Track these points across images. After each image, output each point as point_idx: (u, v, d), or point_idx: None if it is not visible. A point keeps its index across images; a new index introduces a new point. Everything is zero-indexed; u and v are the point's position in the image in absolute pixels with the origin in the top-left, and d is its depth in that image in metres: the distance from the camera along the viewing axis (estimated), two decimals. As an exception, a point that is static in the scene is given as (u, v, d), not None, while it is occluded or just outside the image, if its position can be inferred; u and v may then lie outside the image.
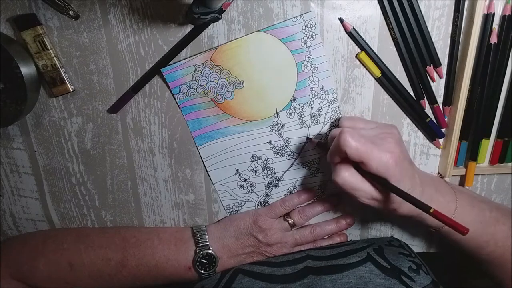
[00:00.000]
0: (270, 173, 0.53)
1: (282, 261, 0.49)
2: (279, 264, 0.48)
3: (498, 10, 0.46)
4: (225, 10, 0.42)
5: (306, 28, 0.46)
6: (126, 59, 0.48)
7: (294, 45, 0.47)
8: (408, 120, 0.51)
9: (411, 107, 0.49)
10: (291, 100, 0.49)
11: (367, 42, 0.46)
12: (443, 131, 0.51)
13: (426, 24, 0.46)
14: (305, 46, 0.47)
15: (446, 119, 0.50)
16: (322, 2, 0.45)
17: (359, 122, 0.45)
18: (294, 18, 0.46)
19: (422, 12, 0.45)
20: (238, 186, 0.53)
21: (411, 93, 0.49)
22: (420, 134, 0.52)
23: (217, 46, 0.47)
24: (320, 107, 0.50)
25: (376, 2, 0.45)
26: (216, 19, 0.41)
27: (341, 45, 0.47)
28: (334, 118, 0.50)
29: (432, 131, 0.51)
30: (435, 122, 0.50)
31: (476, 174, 0.53)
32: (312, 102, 0.49)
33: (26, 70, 0.45)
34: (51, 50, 0.46)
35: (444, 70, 0.48)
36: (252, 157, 0.52)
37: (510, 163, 0.53)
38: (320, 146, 0.49)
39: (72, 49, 0.47)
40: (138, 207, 0.55)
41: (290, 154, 0.52)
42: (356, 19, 0.46)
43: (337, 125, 0.50)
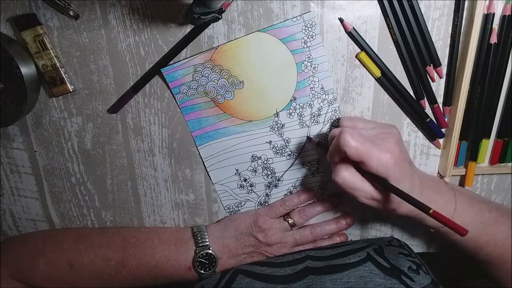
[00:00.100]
0: (270, 173, 0.53)
1: (282, 261, 0.49)
2: (279, 264, 0.48)
3: (498, 10, 0.46)
4: (225, 10, 0.42)
5: (306, 28, 0.46)
6: (126, 59, 0.48)
7: (294, 45, 0.47)
8: (408, 120, 0.51)
9: (411, 107, 0.49)
10: (291, 100, 0.49)
11: (367, 42, 0.46)
12: (443, 131, 0.51)
13: (426, 24, 0.46)
14: (305, 46, 0.47)
15: (446, 119, 0.50)
16: (322, 2, 0.45)
17: (359, 122, 0.45)
18: (294, 18, 0.46)
19: (422, 12, 0.45)
20: (238, 186, 0.53)
21: (411, 93, 0.49)
22: (420, 134, 0.52)
23: (217, 46, 0.47)
24: (320, 107, 0.50)
25: (376, 2, 0.45)
26: (216, 19, 0.41)
27: (341, 45, 0.47)
28: (334, 118, 0.50)
29: (432, 131, 0.51)
30: (435, 122, 0.50)
31: (476, 174, 0.53)
32: (312, 102, 0.49)
33: (26, 70, 0.45)
34: (51, 50, 0.46)
35: (444, 70, 0.48)
36: (252, 157, 0.52)
37: (510, 163, 0.53)
38: (320, 145, 0.49)
39: (72, 49, 0.47)
40: (138, 207, 0.55)
41: (290, 154, 0.52)
42: (356, 19, 0.46)
43: (337, 125, 0.50)
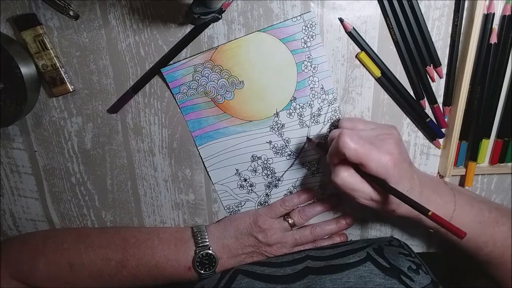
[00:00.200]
0: (270, 173, 0.53)
1: (282, 261, 0.49)
2: (279, 264, 0.48)
3: (498, 10, 0.46)
4: (225, 10, 0.42)
5: (306, 28, 0.46)
6: (126, 59, 0.48)
7: (294, 45, 0.47)
8: (408, 120, 0.51)
9: (411, 107, 0.49)
10: (291, 100, 0.49)
11: (367, 42, 0.46)
12: (443, 131, 0.51)
13: (426, 24, 0.46)
14: (305, 46, 0.47)
15: (446, 119, 0.50)
16: (322, 2, 0.45)
17: (359, 123, 0.45)
18: (294, 18, 0.46)
19: (422, 12, 0.45)
20: (238, 186, 0.53)
21: (411, 93, 0.49)
22: (420, 134, 0.52)
23: (217, 46, 0.47)
24: (320, 107, 0.50)
25: (376, 2, 0.45)
26: (216, 19, 0.41)
27: (341, 45, 0.47)
28: (334, 118, 0.50)
29: (432, 131, 0.51)
30: (435, 122, 0.50)
31: (476, 174, 0.53)
32: (312, 102, 0.49)
33: (26, 70, 0.45)
34: (51, 50, 0.46)
35: (444, 70, 0.48)
36: (252, 157, 0.52)
37: (510, 163, 0.53)
38: (320, 146, 0.49)
39: (72, 49, 0.47)
40: (138, 207, 0.55)
41: (290, 154, 0.52)
42: (356, 19, 0.46)
43: (337, 125, 0.50)
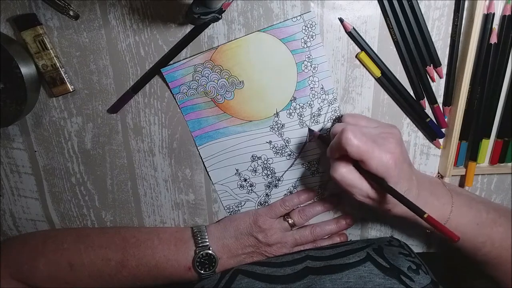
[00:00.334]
0: (270, 173, 0.53)
1: (282, 261, 0.49)
2: (279, 264, 0.48)
3: (498, 10, 0.46)
4: (225, 10, 0.42)
5: (306, 28, 0.46)
6: (126, 59, 0.48)
7: (294, 45, 0.47)
8: (408, 120, 0.51)
9: (411, 107, 0.49)
10: (291, 100, 0.49)
11: (367, 42, 0.46)
12: (443, 131, 0.51)
13: (426, 24, 0.46)
14: (305, 46, 0.47)
15: (446, 119, 0.50)
16: (322, 2, 0.45)
17: (362, 119, 0.45)
18: (294, 18, 0.46)
19: (422, 12, 0.45)
20: (238, 186, 0.53)
21: (411, 93, 0.49)
22: (420, 134, 0.52)
23: (217, 46, 0.47)
24: (320, 107, 0.50)
25: (376, 2, 0.45)
26: (216, 19, 0.41)
27: (341, 45, 0.47)
28: (334, 118, 0.50)
29: (432, 131, 0.51)
30: (435, 122, 0.50)
31: (476, 174, 0.53)
32: (312, 102, 0.49)
33: (26, 70, 0.45)
34: (51, 50, 0.46)
35: (444, 70, 0.48)
36: (252, 157, 0.52)
37: (510, 163, 0.53)
38: (321, 139, 0.49)
39: (72, 49, 0.47)
40: (138, 207, 0.55)
41: (290, 154, 0.52)
42: (356, 19, 0.46)
43: (338, 122, 0.50)
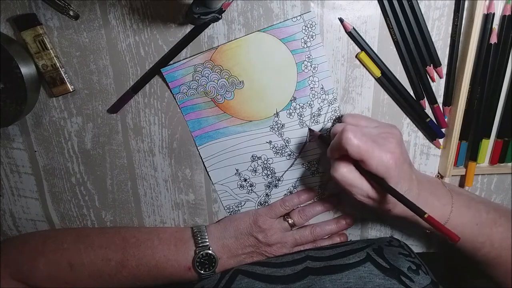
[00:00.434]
0: (270, 173, 0.53)
1: (282, 261, 0.49)
2: (279, 264, 0.48)
3: (498, 10, 0.46)
4: (225, 10, 0.42)
5: (306, 28, 0.46)
6: (126, 59, 0.48)
7: (294, 45, 0.47)
8: (408, 120, 0.51)
9: (411, 107, 0.49)
10: (291, 100, 0.49)
11: (367, 42, 0.46)
12: (443, 131, 0.51)
13: (426, 24, 0.46)
14: (305, 46, 0.47)
15: (446, 119, 0.50)
16: (322, 2, 0.45)
17: (362, 119, 0.45)
18: (294, 18, 0.46)
19: (422, 12, 0.45)
20: (238, 186, 0.53)
21: (411, 93, 0.49)
22: (420, 134, 0.52)
23: (217, 46, 0.47)
24: (320, 107, 0.50)
25: (376, 2, 0.45)
26: (216, 19, 0.41)
27: (341, 45, 0.47)
28: (334, 118, 0.50)
29: (432, 131, 0.51)
30: (435, 122, 0.50)
31: (476, 174, 0.53)
32: (312, 102, 0.49)
33: (26, 70, 0.45)
34: (51, 50, 0.46)
35: (444, 70, 0.48)
36: (252, 157, 0.52)
37: (510, 163, 0.53)
38: (322, 139, 0.49)
39: (72, 49, 0.47)
40: (138, 207, 0.55)
41: (290, 154, 0.52)
42: (356, 19, 0.46)
43: (338, 122, 0.50)
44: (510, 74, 0.48)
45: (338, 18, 0.46)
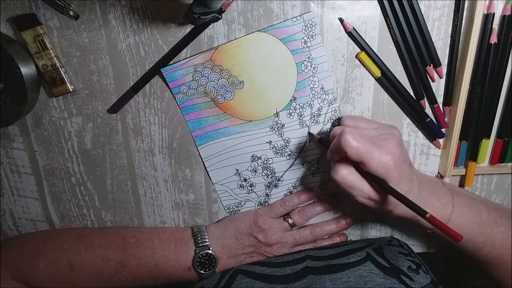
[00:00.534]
0: (270, 173, 0.53)
1: (282, 261, 0.49)
2: (279, 264, 0.48)
3: (498, 10, 0.46)
4: (225, 10, 0.42)
5: (306, 28, 0.46)
6: (126, 59, 0.48)
7: (294, 45, 0.47)
8: (408, 120, 0.51)
9: (411, 107, 0.49)
10: (291, 100, 0.49)
11: (367, 42, 0.46)
12: (443, 131, 0.51)
13: (426, 24, 0.46)
14: (305, 46, 0.47)
15: (446, 119, 0.50)
16: (322, 2, 0.45)
17: (361, 121, 0.45)
18: (294, 18, 0.46)
19: (422, 12, 0.45)
20: (238, 186, 0.53)
21: (411, 93, 0.49)
22: (420, 134, 0.52)
23: (217, 46, 0.47)
24: (320, 107, 0.50)
25: (376, 2, 0.45)
26: (216, 19, 0.41)
27: (341, 45, 0.47)
28: (334, 118, 0.50)
29: (432, 131, 0.51)
30: (435, 122, 0.50)
31: (476, 174, 0.53)
32: (312, 102, 0.49)
33: (26, 70, 0.45)
34: (51, 50, 0.46)
35: (444, 70, 0.48)
36: (252, 157, 0.52)
37: (510, 163, 0.53)
38: (321, 142, 0.49)
39: (72, 49, 0.47)
40: (138, 207, 0.55)
41: (290, 154, 0.52)
42: (356, 19, 0.46)
43: (338, 124, 0.50)
44: (510, 74, 0.48)
45: (338, 18, 0.46)
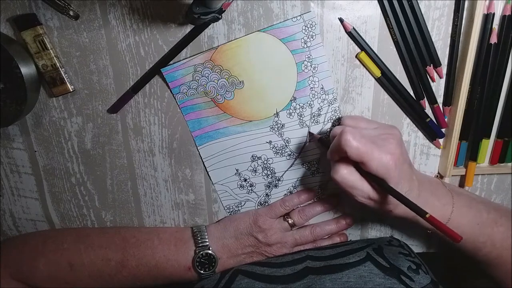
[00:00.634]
0: (270, 173, 0.53)
1: (282, 261, 0.49)
2: (279, 264, 0.48)
3: (498, 10, 0.46)
4: (225, 10, 0.42)
5: (306, 28, 0.46)
6: (126, 59, 0.48)
7: (294, 45, 0.47)
8: (408, 120, 0.51)
9: (411, 107, 0.49)
10: (291, 100, 0.49)
11: (367, 42, 0.46)
12: (443, 131, 0.51)
13: (426, 24, 0.46)
14: (305, 46, 0.47)
15: (446, 119, 0.50)
16: (322, 2, 0.45)
17: (361, 121, 0.45)
18: (294, 18, 0.46)
19: (422, 12, 0.45)
20: (238, 186, 0.53)
21: (411, 93, 0.49)
22: (420, 134, 0.52)
23: (217, 46, 0.47)
24: (320, 107, 0.50)
25: (376, 2, 0.45)
26: (216, 19, 0.41)
27: (341, 45, 0.47)
28: (334, 118, 0.50)
29: (432, 131, 0.51)
30: (435, 122, 0.50)
31: (476, 174, 0.53)
32: (312, 102, 0.49)
33: (26, 70, 0.45)
34: (51, 50, 0.46)
35: (444, 70, 0.48)
36: (252, 157, 0.52)
37: (510, 163, 0.53)
38: (321, 142, 0.49)
39: (72, 49, 0.47)
40: (138, 207, 0.55)
41: (290, 154, 0.52)
42: (356, 19, 0.46)
43: (338, 124, 0.50)
44: (510, 74, 0.48)
45: (338, 18, 0.46)
